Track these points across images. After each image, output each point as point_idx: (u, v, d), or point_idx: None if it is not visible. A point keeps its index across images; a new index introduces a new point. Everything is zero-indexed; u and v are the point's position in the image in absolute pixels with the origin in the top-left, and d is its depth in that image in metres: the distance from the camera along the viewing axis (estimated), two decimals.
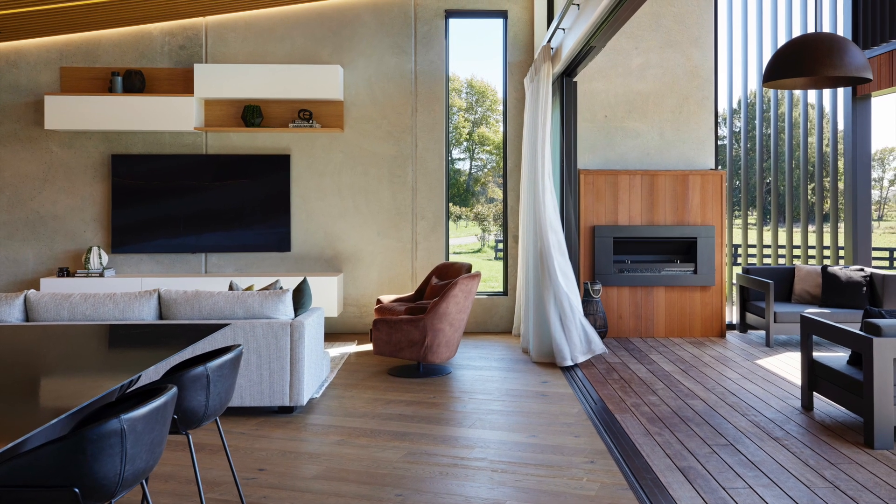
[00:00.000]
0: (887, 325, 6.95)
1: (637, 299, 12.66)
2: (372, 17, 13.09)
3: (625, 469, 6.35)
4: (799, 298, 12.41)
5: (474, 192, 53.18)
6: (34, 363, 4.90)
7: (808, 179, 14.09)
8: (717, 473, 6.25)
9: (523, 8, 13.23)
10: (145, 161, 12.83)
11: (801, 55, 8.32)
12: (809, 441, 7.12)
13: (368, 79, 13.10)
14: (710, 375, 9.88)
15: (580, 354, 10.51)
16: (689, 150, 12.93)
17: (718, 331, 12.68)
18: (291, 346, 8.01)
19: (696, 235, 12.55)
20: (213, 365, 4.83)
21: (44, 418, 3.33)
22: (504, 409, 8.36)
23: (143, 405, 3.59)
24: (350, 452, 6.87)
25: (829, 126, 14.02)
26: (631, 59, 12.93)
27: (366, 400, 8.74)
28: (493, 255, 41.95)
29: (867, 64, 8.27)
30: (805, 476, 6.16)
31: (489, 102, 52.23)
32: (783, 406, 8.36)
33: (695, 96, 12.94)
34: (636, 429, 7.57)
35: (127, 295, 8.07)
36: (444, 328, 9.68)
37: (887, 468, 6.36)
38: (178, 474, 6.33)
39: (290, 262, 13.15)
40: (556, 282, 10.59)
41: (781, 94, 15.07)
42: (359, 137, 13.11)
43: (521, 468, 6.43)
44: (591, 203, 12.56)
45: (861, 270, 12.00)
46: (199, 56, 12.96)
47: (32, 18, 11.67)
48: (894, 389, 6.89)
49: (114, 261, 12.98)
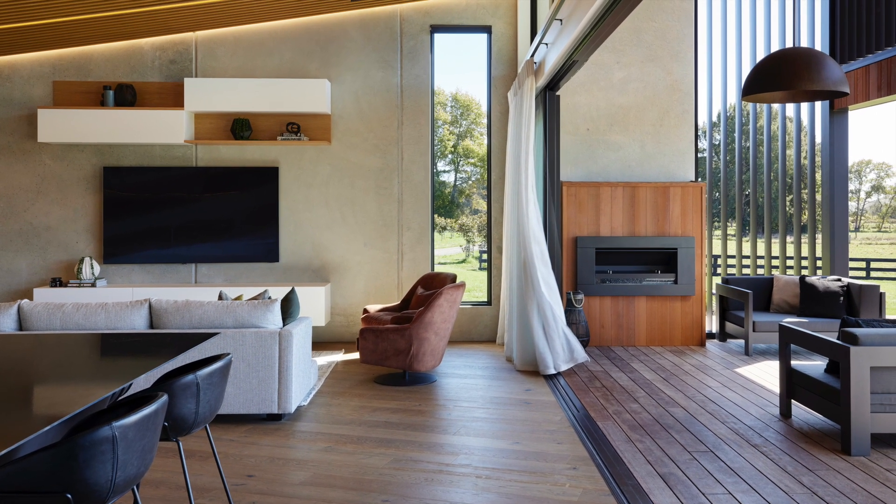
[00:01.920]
0: (864, 335, 6.98)
1: (618, 309, 12.68)
2: (359, 32, 13.12)
3: (607, 475, 6.36)
4: (777, 308, 12.44)
5: (459, 203, 53.20)
6: (28, 371, 4.90)
7: (787, 191, 14.13)
8: (698, 480, 6.27)
9: (507, 23, 13.27)
10: (136, 173, 12.82)
11: (780, 69, 8.36)
12: (788, 448, 7.15)
13: (355, 92, 13.12)
14: (690, 383, 9.90)
15: (563, 363, 10.53)
16: (670, 162, 12.97)
17: (698, 340, 12.71)
18: (280, 354, 8.02)
19: (676, 246, 12.58)
20: (202, 373, 4.84)
21: (37, 425, 3.34)
22: (488, 417, 8.37)
23: (135, 413, 3.60)
24: (337, 459, 6.88)
25: (806, 139, 14.08)
26: (613, 74, 12.97)
27: (353, 407, 8.74)
28: (478, 265, 41.95)
29: (844, 78, 8.31)
30: (783, 482, 6.19)
31: (473, 116, 52.29)
32: (762, 413, 8.39)
33: (675, 110, 12.99)
34: (618, 436, 7.59)
35: (118, 304, 8.07)
36: (429, 337, 9.69)
37: (864, 474, 6.39)
38: (169, 480, 6.33)
39: (279, 273, 13.15)
40: (540, 291, 10.61)
41: (760, 107, 15.13)
42: (346, 150, 13.13)
43: (505, 474, 6.44)
44: (574, 214, 12.59)
45: (838, 280, 12.04)
46: (190, 70, 12.97)
47: (26, 33, 11.67)
48: (871, 397, 6.93)
49: (105, 271, 12.97)
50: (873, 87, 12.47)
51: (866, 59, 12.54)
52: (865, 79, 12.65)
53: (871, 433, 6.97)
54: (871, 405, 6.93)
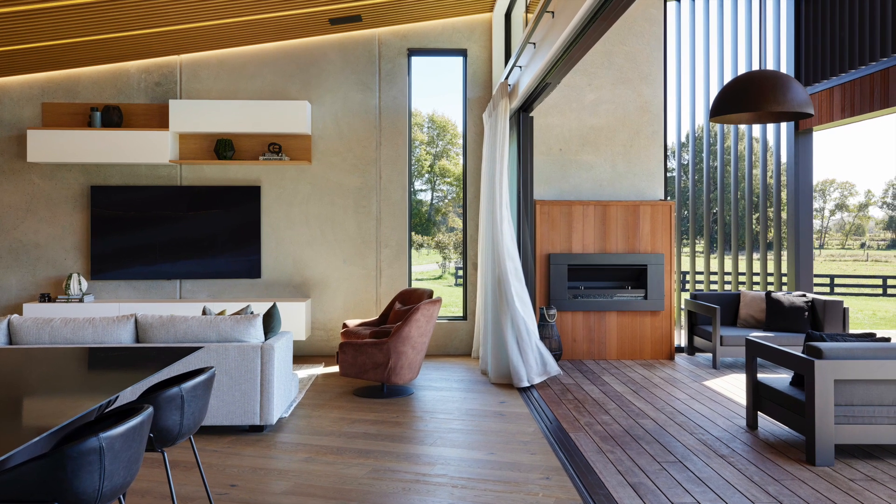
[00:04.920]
0: (828, 349, 7.03)
1: (590, 323, 12.71)
2: (338, 56, 13.15)
3: (578, 485, 6.38)
4: (744, 323, 12.49)
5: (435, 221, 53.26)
6: (17, 384, 4.90)
7: (753, 209, 14.18)
8: (667, 489, 6.30)
9: (482, 47, 13.32)
10: (123, 192, 12.81)
11: (747, 91, 8.40)
12: (754, 458, 7.19)
13: (335, 114, 13.15)
14: (659, 396, 9.94)
15: (536, 376, 10.56)
16: (640, 181, 13.03)
17: (667, 353, 12.75)
18: (262, 368, 8.02)
19: (646, 263, 12.63)
20: (187, 386, 4.85)
21: (26, 436, 3.35)
22: (464, 428, 8.39)
23: (121, 424, 3.62)
24: (317, 469, 6.89)
25: (772, 159, 14.13)
26: (584, 95, 13.03)
27: (332, 419, 8.74)
28: (454, 281, 41.98)
29: (809, 100, 8.36)
30: (750, 492, 6.22)
31: (449, 136, 52.41)
32: (729, 425, 8.43)
33: (645, 130, 13.05)
34: (589, 446, 7.61)
35: (105, 319, 8.06)
36: (406, 351, 9.70)
37: (828, 484, 6.43)
38: (154, 490, 6.32)
39: (261, 288, 13.15)
40: (514, 307, 10.63)
41: (728, 128, 15.25)
42: (326, 170, 13.15)
43: (480, 484, 6.46)
44: (547, 232, 12.62)
45: (803, 296, 12.10)
46: (174, 92, 12.97)
47: (16, 57, 11.66)
48: (834, 409, 6.97)
49: (93, 287, 12.95)
50: (837, 108, 12.55)
51: (830, 81, 12.62)
52: (829, 100, 12.73)
53: (835, 444, 7.01)
54: (835, 417, 6.98)
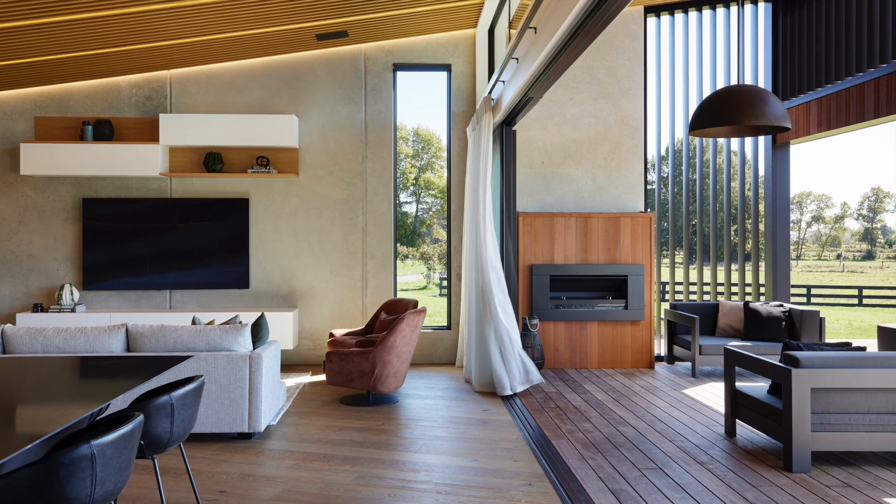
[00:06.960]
0: (805, 357, 7.06)
1: (572, 333, 12.73)
2: (325, 71, 13.17)
3: (560, 491, 6.40)
4: (722, 332, 12.52)
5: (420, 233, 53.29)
6: (10, 392, 4.90)
7: (731, 221, 14.21)
8: (647, 495, 6.32)
9: (466, 62, 13.36)
10: (114, 204, 12.80)
11: (725, 105, 8.43)
12: (732, 465, 7.21)
13: (322, 127, 13.16)
14: (639, 404, 9.96)
15: (519, 384, 10.57)
16: (621, 194, 13.07)
17: (648, 362, 12.77)
18: (250, 376, 8.02)
19: (626, 273, 12.66)
20: (177, 394, 4.86)
21: (19, 443, 3.36)
22: (448, 436, 8.40)
23: (112, 431, 3.62)
24: (305, 475, 6.89)
25: (750, 172, 14.18)
26: (566, 110, 13.07)
27: (319, 427, 8.74)
28: (438, 291, 41.99)
29: (786, 114, 8.39)
30: (728, 498, 6.24)
31: (434, 150, 52.46)
32: (708, 432, 8.45)
33: (626, 144, 13.10)
34: (571, 454, 7.63)
35: (97, 329, 8.06)
36: (392, 360, 9.71)
37: (805, 490, 6.45)
38: (145, 496, 6.32)
39: (249, 299, 13.15)
40: (497, 317, 10.65)
41: (706, 141, 15.26)
42: (313, 182, 13.16)
43: (464, 490, 6.47)
44: (529, 243, 12.65)
45: (780, 306, 12.14)
46: (164, 106, 12.97)
47: (9, 71, 11.65)
48: (811, 417, 7.00)
49: (85, 297, 12.93)
50: (814, 122, 12.60)
51: (807, 95, 12.66)
52: (806, 114, 12.78)
53: (812, 451, 7.03)
54: (812, 424, 7.01)
